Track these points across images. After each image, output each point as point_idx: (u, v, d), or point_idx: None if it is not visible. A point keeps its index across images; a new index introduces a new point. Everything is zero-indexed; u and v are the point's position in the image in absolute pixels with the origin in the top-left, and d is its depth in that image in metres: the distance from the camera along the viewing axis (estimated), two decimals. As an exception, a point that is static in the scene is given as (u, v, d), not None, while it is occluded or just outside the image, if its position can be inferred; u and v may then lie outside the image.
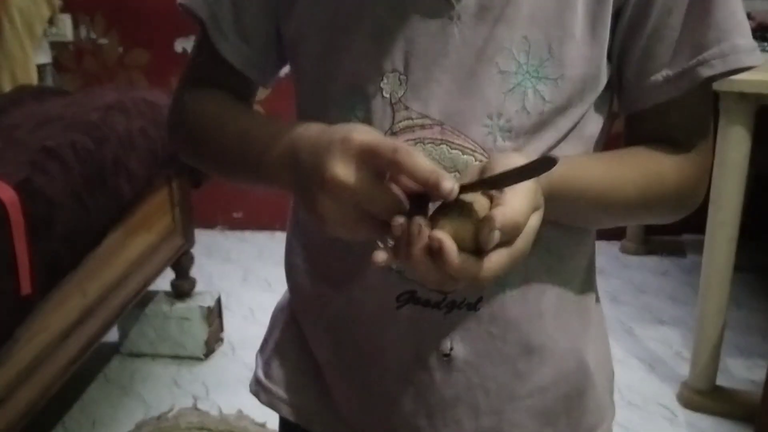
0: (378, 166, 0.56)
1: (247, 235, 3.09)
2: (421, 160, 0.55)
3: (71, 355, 1.72)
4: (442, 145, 0.69)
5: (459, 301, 0.71)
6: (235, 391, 2.25)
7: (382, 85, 0.71)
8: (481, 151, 0.69)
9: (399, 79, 0.70)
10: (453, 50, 0.68)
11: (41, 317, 1.56)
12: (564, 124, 0.70)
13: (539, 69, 0.68)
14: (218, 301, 2.48)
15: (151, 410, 2.18)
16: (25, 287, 1.42)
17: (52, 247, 1.49)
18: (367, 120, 0.71)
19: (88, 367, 2.30)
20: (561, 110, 0.70)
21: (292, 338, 0.84)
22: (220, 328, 2.51)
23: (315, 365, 0.81)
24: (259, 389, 0.87)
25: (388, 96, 0.70)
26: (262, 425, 2.08)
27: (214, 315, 2.45)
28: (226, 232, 3.18)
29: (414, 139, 0.69)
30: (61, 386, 1.76)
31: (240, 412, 2.16)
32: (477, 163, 0.67)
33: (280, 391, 0.84)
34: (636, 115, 0.74)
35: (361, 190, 0.56)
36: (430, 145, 0.69)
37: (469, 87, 0.69)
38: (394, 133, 0.70)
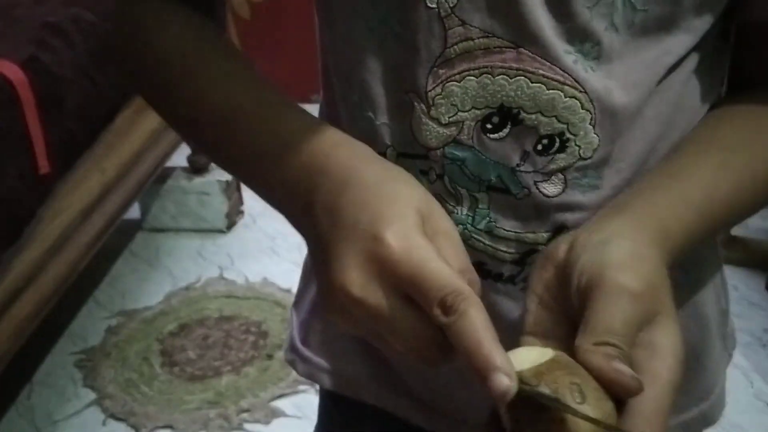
0: (412, 293, 0.41)
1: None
2: (475, 322, 0.39)
3: (95, 231, 1.75)
4: (518, 77, 0.51)
5: None
6: (258, 260, 2.30)
7: None
8: (572, 82, 0.51)
9: None
10: None
11: (62, 196, 1.58)
12: (664, 43, 0.52)
13: None
14: (235, 174, 2.50)
15: (179, 281, 2.25)
16: (43, 166, 1.43)
17: (65, 125, 1.48)
18: (409, 40, 0.52)
19: (114, 244, 2.34)
20: (657, 24, 0.51)
21: None
22: (240, 201, 2.54)
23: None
24: (295, 358, 0.71)
25: (434, 5, 0.51)
26: (288, 290, 2.14)
27: (233, 188, 2.47)
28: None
29: (478, 69, 0.51)
30: (89, 263, 1.81)
31: (265, 279, 2.21)
32: (557, 240, 0.48)
33: (321, 361, 0.68)
34: (756, 30, 0.56)
35: (381, 315, 0.41)
36: (501, 76, 0.51)
37: None
38: (448, 60, 0.51)
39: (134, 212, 2.41)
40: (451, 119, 0.53)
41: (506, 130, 0.52)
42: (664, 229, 0.47)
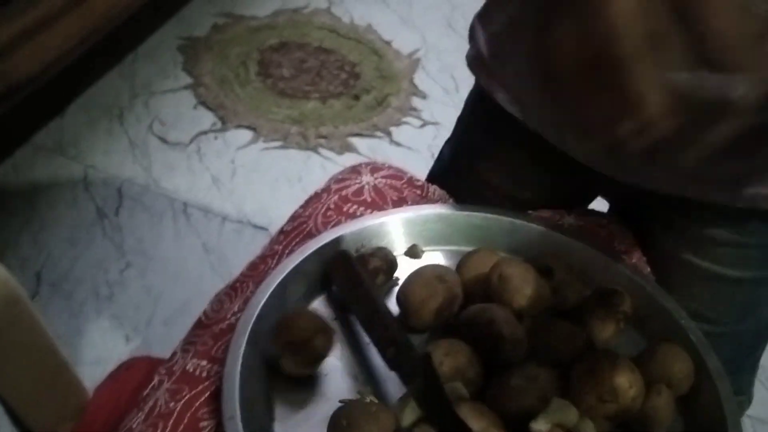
0: None
1: None
2: None
3: None
4: None
5: None
6: (368, 4, 2.31)
7: None
8: None
9: None
10: None
11: None
12: None
13: None
14: None
15: (288, 2, 2.27)
16: None
17: None
18: None
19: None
20: None
21: (526, 22, 0.65)
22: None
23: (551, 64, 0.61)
24: (479, 67, 0.72)
25: None
26: (389, 42, 2.17)
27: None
28: None
29: None
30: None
31: (370, 26, 2.23)
32: None
33: (505, 75, 0.69)
34: None
35: None
36: None
37: None
38: None
39: None
40: None
41: None
42: None
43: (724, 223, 0.67)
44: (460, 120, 0.82)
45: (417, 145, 1.87)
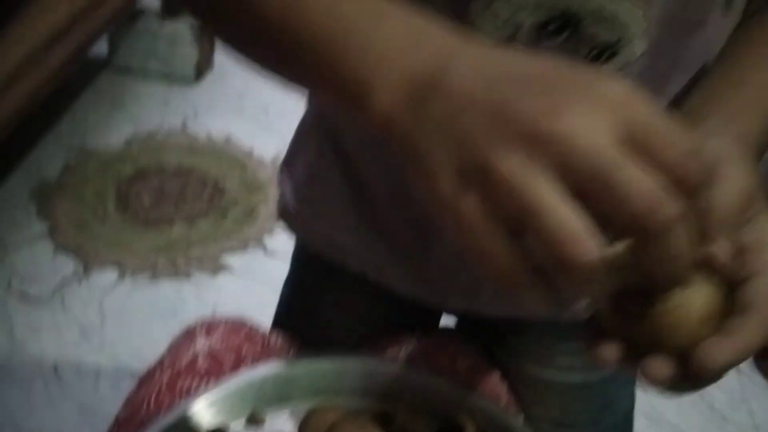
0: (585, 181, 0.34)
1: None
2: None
3: (59, 62, 1.71)
4: None
5: None
6: (223, 116, 2.28)
7: None
8: None
9: None
10: None
11: (28, 20, 1.53)
12: None
13: None
14: (210, 25, 2.42)
15: (141, 127, 2.22)
16: (9, -13, 1.37)
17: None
18: None
19: (79, 80, 2.29)
20: None
21: (330, 162, 0.65)
22: (211, 52, 2.47)
23: (361, 193, 0.64)
24: (291, 218, 0.71)
25: None
26: (250, 151, 2.14)
27: (205, 37, 2.40)
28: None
29: None
30: (51, 96, 1.77)
31: (228, 137, 2.20)
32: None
33: (318, 221, 0.68)
34: None
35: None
36: None
37: None
38: None
39: (102, 49, 2.35)
40: (510, 18, 0.49)
41: (564, 36, 0.50)
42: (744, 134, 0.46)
43: (559, 335, 0.66)
44: (291, 260, 0.78)
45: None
